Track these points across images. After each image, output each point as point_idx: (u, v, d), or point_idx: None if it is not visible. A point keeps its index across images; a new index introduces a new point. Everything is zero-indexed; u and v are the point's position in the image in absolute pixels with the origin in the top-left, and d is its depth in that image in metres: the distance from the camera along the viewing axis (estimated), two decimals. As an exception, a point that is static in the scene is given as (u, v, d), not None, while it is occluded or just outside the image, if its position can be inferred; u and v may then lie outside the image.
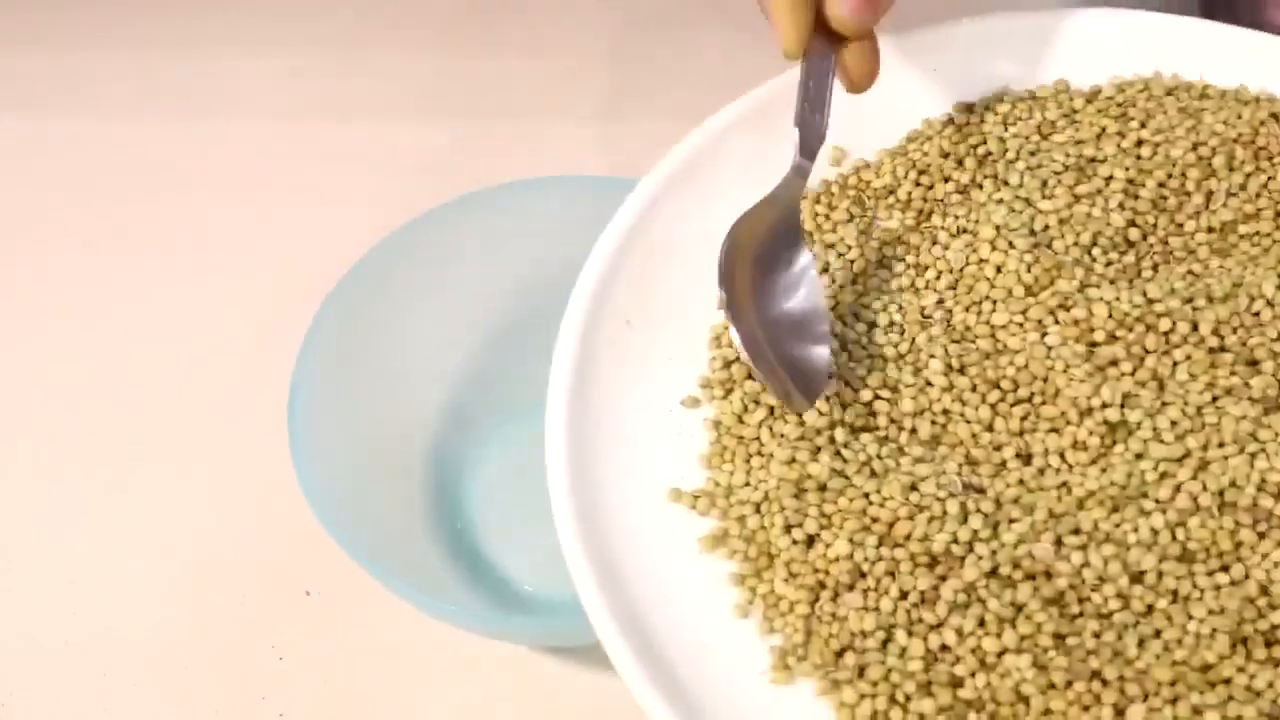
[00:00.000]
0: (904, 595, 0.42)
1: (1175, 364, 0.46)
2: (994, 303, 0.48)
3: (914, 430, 0.46)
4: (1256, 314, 0.46)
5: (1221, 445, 0.44)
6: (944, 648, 0.41)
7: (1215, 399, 0.45)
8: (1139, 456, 0.44)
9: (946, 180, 0.51)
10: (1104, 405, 0.45)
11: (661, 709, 0.40)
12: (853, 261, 0.49)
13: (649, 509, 0.45)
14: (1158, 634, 0.41)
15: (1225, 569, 0.42)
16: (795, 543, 0.43)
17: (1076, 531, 0.42)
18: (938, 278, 0.49)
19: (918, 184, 0.51)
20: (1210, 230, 0.49)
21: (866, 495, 0.44)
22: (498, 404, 0.63)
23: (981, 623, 0.41)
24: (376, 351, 0.59)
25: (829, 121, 0.48)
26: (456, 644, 0.57)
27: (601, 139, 0.72)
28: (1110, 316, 0.46)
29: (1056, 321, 0.47)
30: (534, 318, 0.62)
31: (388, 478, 0.59)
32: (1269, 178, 0.50)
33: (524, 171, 0.59)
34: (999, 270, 0.48)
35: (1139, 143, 0.51)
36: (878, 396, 0.46)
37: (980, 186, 0.50)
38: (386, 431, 0.59)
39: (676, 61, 0.75)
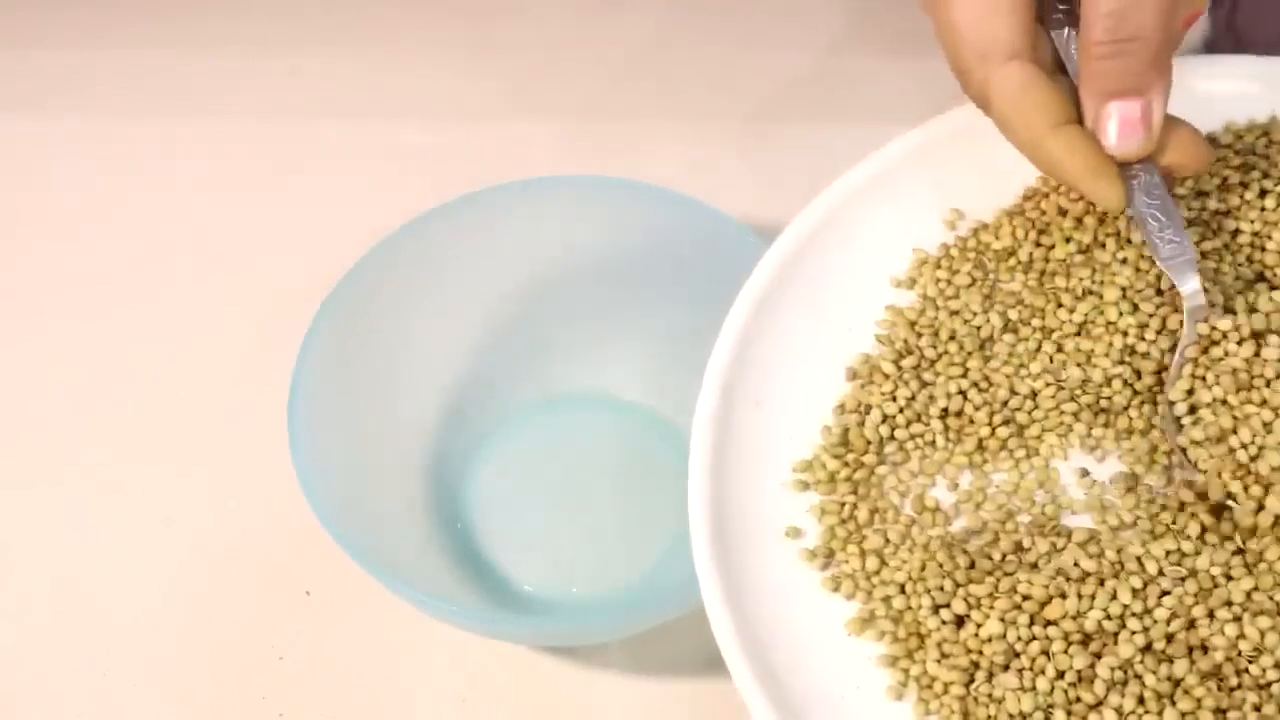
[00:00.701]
0: (1060, 675, 0.42)
1: None
2: None
3: None
4: None
5: None
6: None
7: None
8: None
9: (1068, 240, 0.49)
10: None
11: None
12: (979, 328, 0.48)
13: (795, 591, 0.45)
14: None
15: None
16: (944, 623, 0.43)
17: (1229, 603, 0.42)
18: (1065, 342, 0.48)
19: (1038, 244, 0.50)
20: None
21: (1014, 573, 0.43)
22: (498, 404, 0.63)
23: (1141, 700, 0.41)
24: (376, 351, 0.59)
25: (1186, 234, 0.46)
26: (456, 644, 0.57)
27: (601, 139, 0.72)
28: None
29: None
30: (534, 318, 0.62)
31: (388, 478, 0.59)
32: None
33: (524, 171, 0.59)
34: (1125, 334, 0.47)
35: (1262, 193, 0.49)
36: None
37: (1103, 246, 0.49)
38: (386, 431, 0.59)
39: (677, 62, 0.75)
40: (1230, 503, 0.44)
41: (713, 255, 0.59)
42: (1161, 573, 0.43)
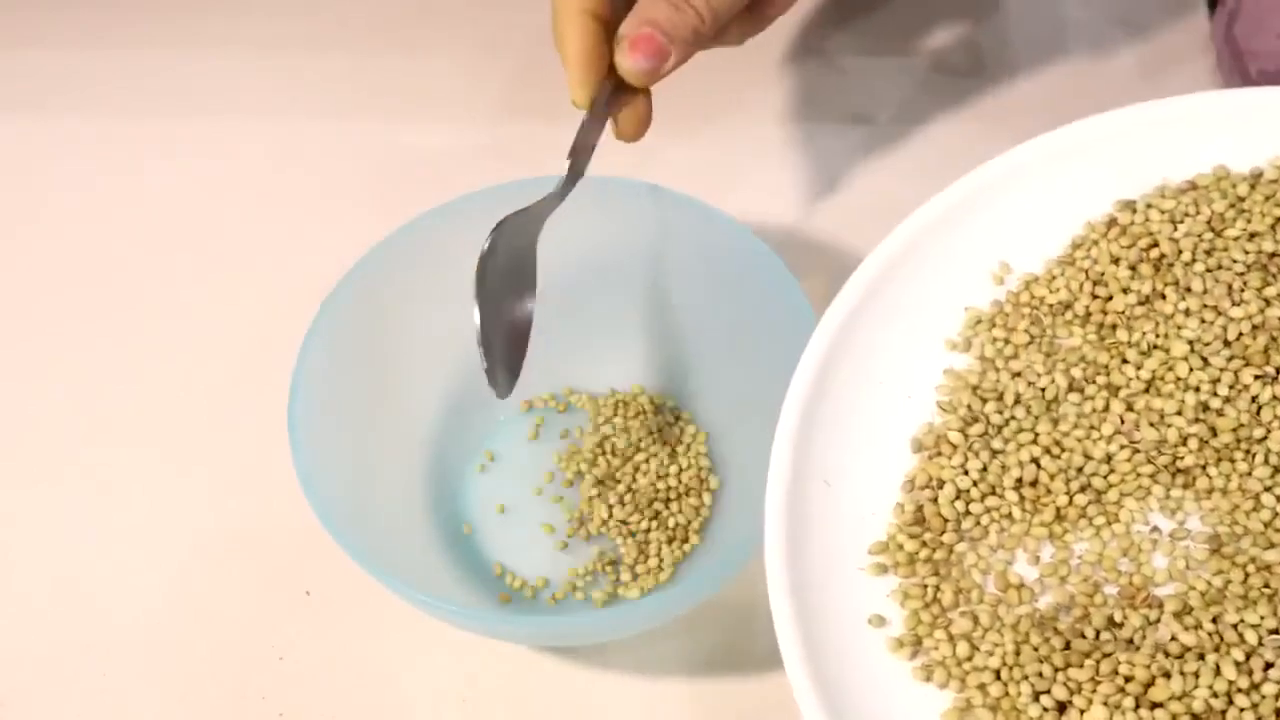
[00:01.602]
0: None
1: None
2: None
3: None
4: None
5: None
6: None
7: None
8: None
9: (1126, 291, 0.48)
10: None
11: None
12: (1043, 390, 0.47)
13: (887, 683, 0.43)
14: None
15: None
16: (1046, 710, 0.42)
17: None
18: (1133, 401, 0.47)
19: (1094, 296, 0.49)
20: None
21: (1113, 653, 0.42)
22: (497, 404, 0.63)
23: None
24: (376, 351, 0.59)
25: (593, 150, 0.52)
26: (456, 644, 0.57)
27: (601, 139, 0.72)
28: None
29: None
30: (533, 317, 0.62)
31: (388, 478, 0.59)
32: None
33: (524, 171, 0.59)
34: (1197, 390, 0.46)
35: None
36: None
37: (1163, 296, 0.48)
38: (386, 431, 0.59)
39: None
40: None
41: (713, 256, 0.59)
42: (1261, 642, 0.42)
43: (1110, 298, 0.49)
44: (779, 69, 0.74)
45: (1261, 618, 0.42)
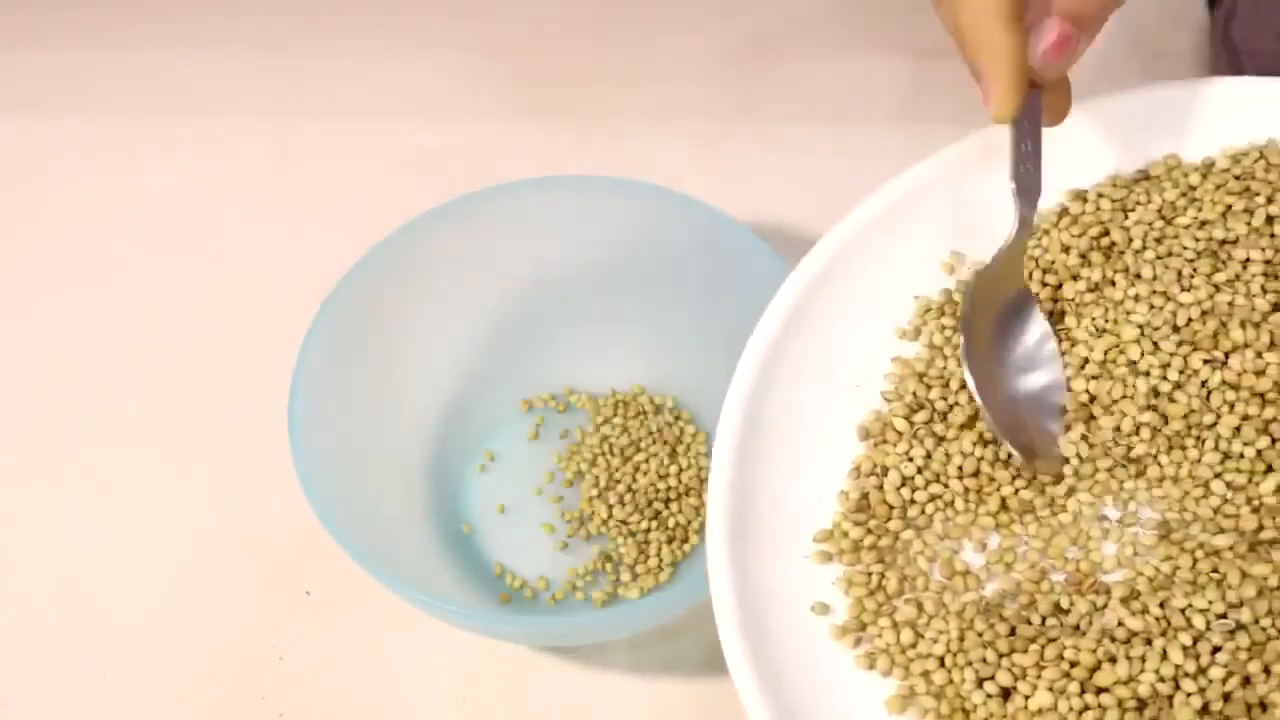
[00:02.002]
0: None
1: None
2: None
3: None
4: None
5: None
6: None
7: None
8: None
9: (1076, 278, 0.48)
10: None
11: None
12: None
13: (830, 671, 0.43)
14: None
15: None
16: (990, 696, 0.41)
17: None
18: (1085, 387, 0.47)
19: (1044, 284, 0.49)
20: None
21: (1058, 638, 0.42)
22: (497, 404, 0.63)
23: None
24: (376, 351, 0.59)
25: (1042, 165, 0.47)
26: (456, 644, 0.57)
27: (601, 139, 0.72)
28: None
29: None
30: (533, 317, 0.62)
31: (388, 478, 0.59)
32: None
33: (524, 171, 0.59)
34: (1148, 375, 0.46)
35: (1269, 219, 0.48)
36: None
37: (1113, 283, 0.48)
38: (386, 431, 0.59)
39: (677, 62, 0.75)
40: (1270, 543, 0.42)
41: (712, 255, 0.59)
42: (1209, 627, 0.41)
43: (1060, 285, 0.49)
44: (780, 69, 0.74)
45: (1210, 602, 0.42)
